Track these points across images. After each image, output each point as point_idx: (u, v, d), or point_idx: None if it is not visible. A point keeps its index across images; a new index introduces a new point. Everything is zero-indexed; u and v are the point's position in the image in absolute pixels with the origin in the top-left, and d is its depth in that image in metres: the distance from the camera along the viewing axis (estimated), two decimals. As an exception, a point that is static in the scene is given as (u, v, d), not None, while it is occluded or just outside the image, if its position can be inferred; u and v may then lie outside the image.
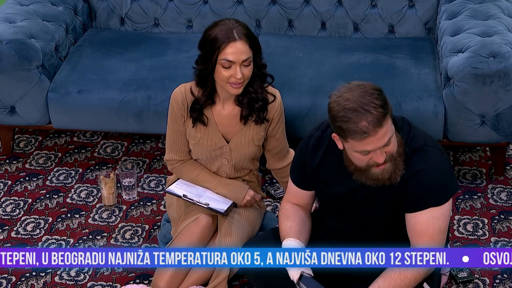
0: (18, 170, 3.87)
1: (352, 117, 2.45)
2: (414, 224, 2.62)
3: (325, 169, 2.75)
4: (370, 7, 4.00)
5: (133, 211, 3.60)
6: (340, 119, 2.47)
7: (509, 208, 3.54)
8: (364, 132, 2.45)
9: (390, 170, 2.57)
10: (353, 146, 2.51)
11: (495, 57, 3.38)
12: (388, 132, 2.50)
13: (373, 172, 2.57)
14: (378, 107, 2.45)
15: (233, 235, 3.05)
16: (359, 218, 2.75)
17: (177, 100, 3.08)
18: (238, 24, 2.94)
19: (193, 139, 3.12)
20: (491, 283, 3.15)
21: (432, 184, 2.59)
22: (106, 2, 4.16)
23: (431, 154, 2.62)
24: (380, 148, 2.50)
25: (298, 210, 2.88)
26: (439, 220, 2.60)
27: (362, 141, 2.47)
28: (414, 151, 2.62)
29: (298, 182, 2.87)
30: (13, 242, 3.44)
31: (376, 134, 2.46)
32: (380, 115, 2.45)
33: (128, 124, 3.71)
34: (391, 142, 2.53)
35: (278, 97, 3.08)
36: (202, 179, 3.17)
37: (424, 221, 2.60)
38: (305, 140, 2.81)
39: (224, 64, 2.90)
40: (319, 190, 2.83)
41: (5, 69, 3.65)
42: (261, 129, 3.10)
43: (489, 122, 3.49)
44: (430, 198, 2.60)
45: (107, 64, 3.83)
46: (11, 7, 3.92)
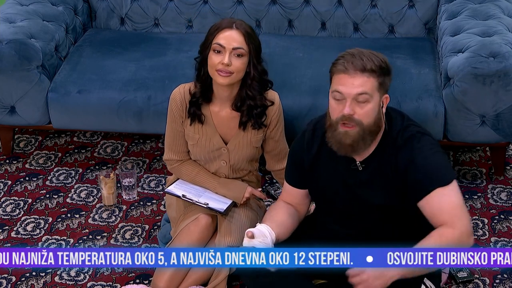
0: (18, 170, 3.87)
1: (346, 56, 2.62)
2: (429, 209, 2.61)
3: (323, 156, 2.76)
4: (370, 7, 4.00)
5: (133, 211, 3.60)
6: (336, 59, 2.64)
7: (509, 208, 3.54)
8: (344, 68, 2.58)
9: (353, 137, 2.60)
10: (333, 84, 2.62)
11: (495, 57, 3.38)
12: (365, 87, 2.57)
13: (338, 131, 2.61)
14: (371, 61, 2.58)
15: (233, 234, 3.05)
16: (357, 215, 2.74)
17: (176, 101, 3.08)
18: (242, 21, 2.98)
19: (192, 140, 3.12)
20: (491, 283, 3.15)
21: (431, 164, 2.61)
22: (106, 2, 4.16)
23: (424, 139, 2.66)
24: (351, 98, 2.57)
25: (288, 206, 2.90)
26: (451, 196, 2.59)
27: (339, 76, 2.59)
28: (407, 140, 2.64)
29: (293, 181, 2.90)
30: (13, 242, 3.44)
31: (354, 77, 2.57)
32: (367, 66, 2.57)
33: (128, 124, 3.71)
34: (365, 107, 2.59)
35: (277, 100, 3.08)
36: (201, 179, 3.17)
37: (436, 202, 2.59)
38: (299, 137, 2.85)
39: (215, 47, 2.93)
40: (315, 188, 2.84)
41: (5, 69, 3.65)
42: (259, 132, 3.10)
43: (489, 122, 3.49)
44: (434, 177, 2.59)
45: (107, 64, 3.83)
46: (11, 7, 3.92)
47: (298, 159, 2.84)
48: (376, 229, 2.75)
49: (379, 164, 2.68)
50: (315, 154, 2.78)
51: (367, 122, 2.60)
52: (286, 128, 3.19)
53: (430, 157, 2.62)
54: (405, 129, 2.67)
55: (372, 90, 2.59)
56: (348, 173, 2.72)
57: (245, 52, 2.94)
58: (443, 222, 2.57)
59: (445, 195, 2.58)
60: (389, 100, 2.71)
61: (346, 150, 2.64)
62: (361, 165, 2.70)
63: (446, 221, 2.56)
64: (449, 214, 2.57)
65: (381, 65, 2.61)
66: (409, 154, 2.62)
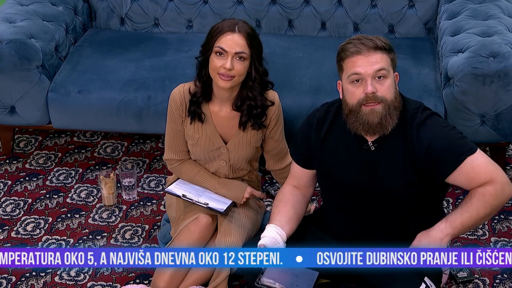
0: (18, 170, 3.87)
1: (353, 41, 2.64)
2: (464, 177, 2.63)
3: (332, 140, 2.76)
4: (370, 7, 4.00)
5: (133, 211, 3.60)
6: (342, 46, 2.64)
7: (509, 208, 3.54)
8: (357, 50, 2.60)
9: (380, 113, 2.60)
10: (347, 69, 2.62)
11: (495, 57, 3.38)
12: (382, 63, 2.60)
13: (363, 112, 2.61)
14: (379, 40, 2.62)
15: (233, 234, 3.05)
16: (367, 201, 2.73)
17: (176, 100, 3.08)
18: (244, 23, 2.96)
19: (191, 140, 3.12)
20: (491, 283, 3.15)
21: (455, 137, 2.64)
22: (106, 2, 4.16)
23: (441, 119, 2.71)
24: (371, 75, 2.59)
25: (295, 194, 2.90)
26: (480, 159, 2.63)
27: (352, 59, 2.61)
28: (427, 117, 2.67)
29: (300, 159, 2.89)
30: (13, 242, 3.44)
31: (368, 56, 2.60)
32: (378, 43, 2.61)
33: (128, 124, 3.71)
34: (385, 82, 2.61)
35: (277, 100, 3.08)
36: (201, 178, 3.17)
37: (470, 168, 2.62)
38: (310, 116, 2.85)
39: (217, 51, 2.91)
40: (324, 168, 2.81)
41: (5, 69, 3.65)
42: (259, 132, 3.10)
43: (489, 122, 3.49)
44: (462, 148, 2.63)
45: (107, 64, 3.83)
46: (11, 7, 3.92)
47: (306, 136, 2.83)
48: (384, 220, 2.74)
49: (394, 143, 2.67)
50: (325, 134, 2.77)
51: (390, 97, 2.62)
52: (286, 128, 3.19)
53: (452, 132, 2.66)
54: (423, 110, 2.70)
55: (388, 65, 2.63)
56: (360, 154, 2.71)
57: (247, 56, 2.93)
58: (482, 182, 2.62)
59: (476, 159, 2.62)
60: (399, 78, 2.73)
61: (375, 129, 2.64)
62: (373, 145, 2.70)
63: (485, 180, 2.61)
64: (485, 173, 2.61)
65: (388, 43, 2.66)
66: (431, 130, 2.64)
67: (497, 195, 2.60)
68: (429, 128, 2.65)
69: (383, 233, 2.74)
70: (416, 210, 2.73)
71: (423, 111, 2.69)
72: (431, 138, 2.63)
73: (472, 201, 2.62)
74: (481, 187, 2.61)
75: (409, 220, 2.73)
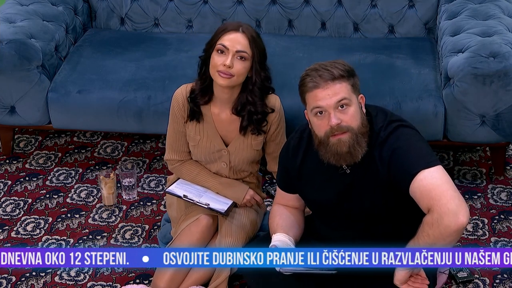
0: (18, 170, 3.87)
1: (310, 73, 2.63)
2: (416, 192, 2.50)
3: (308, 166, 2.76)
4: (370, 7, 4.00)
5: (133, 211, 3.60)
6: (302, 79, 2.64)
7: (509, 208, 3.54)
8: (314, 83, 2.58)
9: (348, 142, 2.58)
10: (309, 103, 2.62)
11: (495, 57, 3.38)
12: (342, 93, 2.58)
13: (331, 143, 2.59)
14: (335, 68, 2.59)
15: (234, 235, 3.05)
16: (351, 219, 2.73)
17: (178, 101, 3.08)
18: (250, 27, 2.98)
19: (193, 141, 3.12)
20: (491, 283, 3.15)
21: (413, 150, 2.57)
22: (106, 2, 4.16)
23: (405, 130, 2.65)
24: (333, 107, 2.57)
25: (285, 210, 2.90)
26: (432, 178, 2.49)
27: (312, 93, 2.60)
28: (390, 133, 2.63)
29: (284, 186, 2.91)
30: (13, 242, 3.44)
31: (327, 88, 2.58)
32: (335, 73, 2.58)
33: (128, 124, 3.71)
34: (349, 111, 2.59)
35: (278, 106, 3.08)
36: (202, 179, 3.17)
37: (421, 186, 2.49)
38: (285, 145, 2.87)
39: (219, 48, 2.92)
40: (305, 194, 2.84)
41: (5, 69, 3.65)
42: (259, 136, 3.10)
43: (489, 122, 3.49)
44: (417, 161, 2.53)
45: (107, 64, 3.83)
46: (11, 7, 3.92)
47: (285, 165, 2.85)
48: (371, 230, 2.74)
49: (366, 164, 2.65)
50: (301, 162, 2.77)
51: (356, 124, 2.60)
52: (286, 128, 3.18)
53: (412, 144, 2.59)
54: (388, 125, 2.66)
55: (349, 93, 2.60)
56: (337, 178, 2.71)
57: (248, 56, 2.93)
58: (427, 208, 2.49)
59: (426, 178, 2.50)
60: (365, 100, 2.70)
61: (345, 159, 2.61)
62: (348, 168, 2.69)
63: (427, 206, 2.49)
64: (428, 197, 2.47)
65: (346, 69, 2.62)
66: (391, 144, 2.60)
67: (433, 224, 2.44)
68: (389, 144, 2.61)
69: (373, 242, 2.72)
70: (403, 219, 2.70)
71: (387, 127, 2.64)
72: (390, 154, 2.59)
73: (422, 226, 2.50)
74: (425, 217, 2.49)
75: (398, 229, 2.71)
